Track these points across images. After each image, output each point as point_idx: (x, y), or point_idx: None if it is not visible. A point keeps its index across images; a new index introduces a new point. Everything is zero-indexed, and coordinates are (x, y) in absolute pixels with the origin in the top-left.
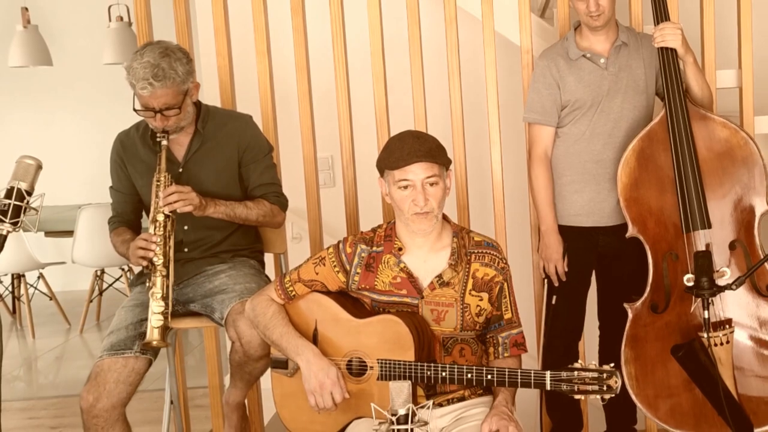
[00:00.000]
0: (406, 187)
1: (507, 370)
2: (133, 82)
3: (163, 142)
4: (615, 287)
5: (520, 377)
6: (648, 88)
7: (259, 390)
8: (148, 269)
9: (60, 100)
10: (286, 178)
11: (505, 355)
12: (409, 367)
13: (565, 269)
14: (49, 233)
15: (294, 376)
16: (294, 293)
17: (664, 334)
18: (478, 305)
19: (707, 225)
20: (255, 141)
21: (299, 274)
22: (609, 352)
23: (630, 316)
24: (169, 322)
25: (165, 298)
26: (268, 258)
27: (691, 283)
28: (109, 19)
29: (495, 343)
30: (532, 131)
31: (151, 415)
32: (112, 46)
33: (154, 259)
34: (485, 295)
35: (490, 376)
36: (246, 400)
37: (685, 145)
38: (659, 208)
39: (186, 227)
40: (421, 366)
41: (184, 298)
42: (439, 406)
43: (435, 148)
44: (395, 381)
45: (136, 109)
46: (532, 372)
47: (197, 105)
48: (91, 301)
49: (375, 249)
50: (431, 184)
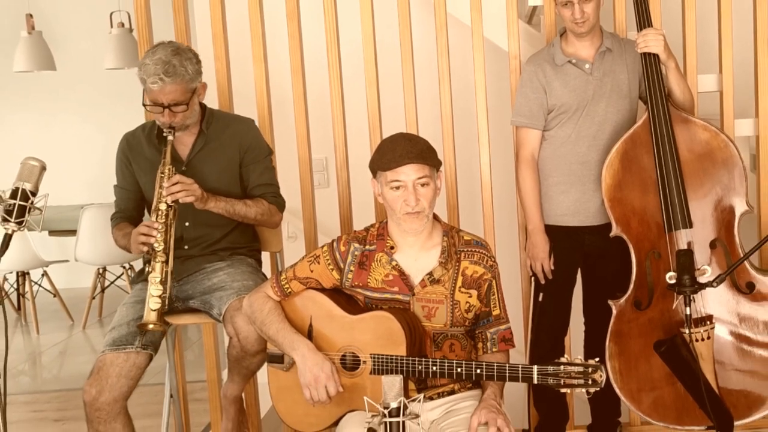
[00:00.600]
0: (397, 188)
1: (495, 364)
2: (144, 78)
3: (169, 137)
4: (600, 285)
5: (508, 371)
6: (631, 92)
7: (255, 384)
8: (149, 254)
9: (63, 103)
10: (282, 179)
11: (494, 350)
12: (400, 361)
13: (552, 267)
14: (52, 232)
15: (290, 370)
16: (290, 290)
17: (647, 330)
18: (468, 302)
19: (689, 224)
20: (256, 143)
21: (295, 271)
22: (594, 347)
23: (614, 312)
24: (165, 306)
25: (163, 283)
26: (265, 256)
27: (673, 281)
28: (111, 26)
29: (484, 338)
30: (520, 134)
31: (152, 409)
32: (114, 52)
33: (155, 245)
34: (474, 292)
35: (479, 371)
36: (243, 394)
37: (667, 147)
38: (642, 208)
39: (187, 224)
40: (413, 361)
41: (184, 294)
42: (430, 399)
43: (426, 150)
44: (387, 375)
45: (145, 105)
46: (520, 366)
47: (202, 107)
48: (93, 298)
49: (368, 247)
50: (422, 185)
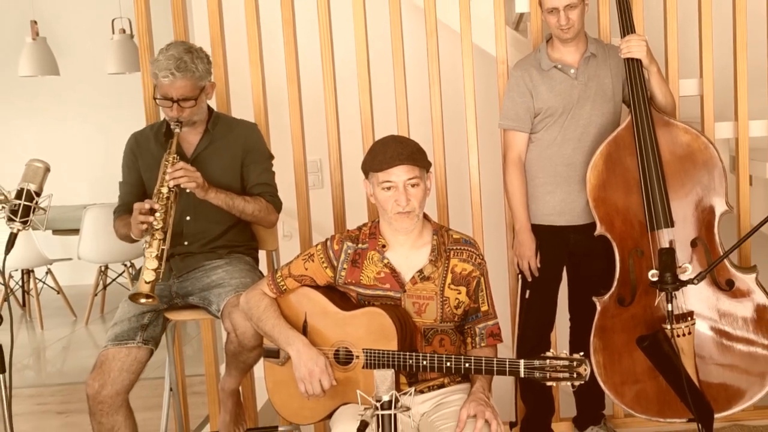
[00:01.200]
0: (389, 188)
1: (484, 358)
2: (156, 72)
3: (176, 130)
4: (585, 282)
5: (495, 365)
6: (615, 96)
7: (252, 378)
8: (148, 231)
9: (66, 107)
10: (277, 179)
11: (482, 344)
12: (392, 356)
13: (538, 265)
14: (56, 231)
15: (285, 364)
16: (285, 287)
17: (630, 326)
18: (457, 298)
19: (670, 224)
20: (258, 145)
21: (290, 269)
22: (579, 342)
23: (598, 308)
24: (159, 279)
25: (159, 258)
26: (262, 255)
27: (655, 278)
28: (112, 32)
29: (472, 333)
30: (507, 137)
31: (152, 402)
32: (115, 57)
33: (154, 223)
34: (463, 289)
35: (468, 365)
36: (240, 388)
37: (649, 149)
38: (626, 207)
39: (188, 218)
40: (404, 355)
41: (184, 291)
42: (421, 392)
43: (416, 152)
44: (379, 369)
45: (155, 98)
46: (507, 360)
47: (209, 109)
48: (95, 295)
49: (360, 246)
50: (412, 186)
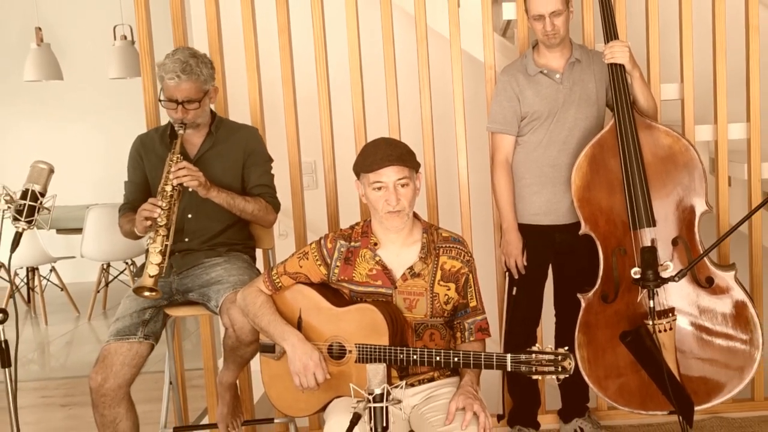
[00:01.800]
0: (380, 188)
1: (472, 353)
2: (162, 75)
3: (180, 132)
4: (569, 279)
5: (484, 359)
6: (599, 100)
7: (249, 372)
8: (152, 228)
9: (70, 110)
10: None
11: (471, 339)
12: (384, 350)
13: (525, 263)
14: (60, 230)
15: (281, 359)
16: (280, 284)
17: (613, 322)
18: (446, 294)
19: (652, 223)
20: (259, 148)
21: (285, 267)
22: (564, 337)
23: (583, 305)
24: (162, 274)
25: (162, 254)
26: (258, 253)
27: (637, 276)
28: (114, 38)
29: (461, 328)
30: (495, 139)
31: (153, 395)
32: (117, 62)
33: (158, 220)
34: (452, 285)
35: (457, 359)
36: (237, 381)
37: (632, 151)
38: (609, 208)
39: (190, 216)
40: (395, 350)
41: (183, 287)
42: (411, 386)
43: (405, 153)
44: (372, 363)
45: (161, 100)
46: (495, 355)
47: (212, 113)
48: (98, 292)
49: (353, 244)
50: (402, 186)
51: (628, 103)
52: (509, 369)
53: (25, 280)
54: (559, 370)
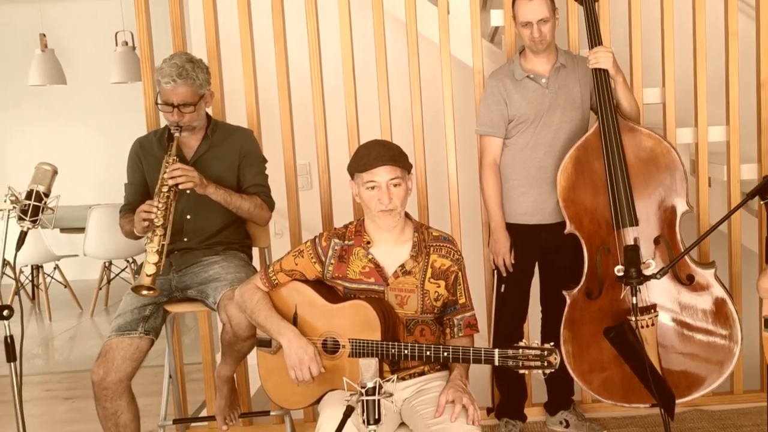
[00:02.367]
0: (373, 188)
1: (461, 348)
2: (159, 79)
3: (176, 134)
4: (555, 277)
5: (472, 354)
6: (583, 104)
7: (246, 366)
8: (149, 228)
9: (73, 114)
10: (269, 181)
11: (460, 335)
12: (376, 345)
13: (512, 261)
14: (63, 230)
15: (277, 353)
16: (277, 282)
17: (597, 318)
18: (436, 291)
19: (635, 222)
20: (254, 149)
21: (281, 265)
22: (550, 332)
23: (568, 301)
24: (159, 273)
25: (159, 253)
26: (255, 252)
27: (621, 273)
28: (116, 44)
29: (451, 324)
30: (483, 142)
31: (153, 388)
32: (118, 67)
33: (155, 220)
34: (442, 283)
35: (446, 354)
36: (235, 375)
37: (615, 154)
38: (593, 207)
39: (189, 216)
40: (387, 345)
41: (182, 285)
42: (402, 379)
43: (398, 154)
44: (364, 358)
45: (157, 103)
46: (483, 350)
47: (208, 117)
48: (100, 289)
49: (347, 243)
50: (395, 185)
51: (611, 107)
52: (497, 363)
53: (29, 278)
54: (545, 364)
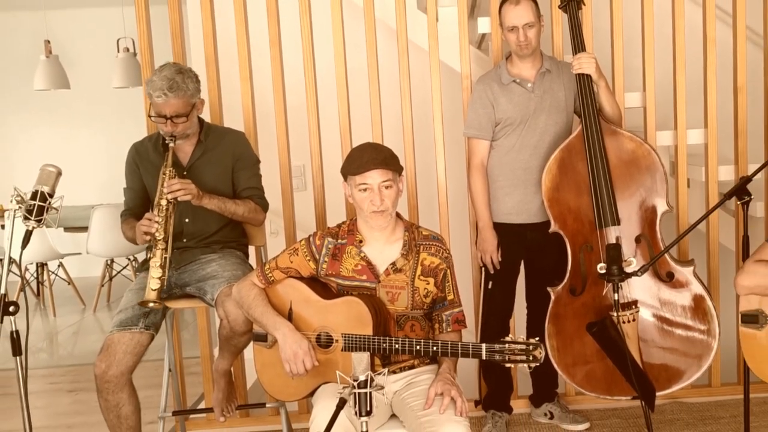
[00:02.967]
0: (365, 190)
1: (450, 342)
2: (150, 92)
3: (171, 144)
4: (540, 274)
5: (460, 349)
6: (567, 108)
7: (243, 359)
8: (150, 242)
9: (76, 117)
10: (265, 183)
11: (448, 330)
12: (368, 340)
13: (499, 259)
14: (67, 229)
15: (272, 347)
16: (273, 279)
17: (580, 313)
18: (426, 288)
19: (617, 222)
20: (247, 152)
21: (277, 262)
22: (535, 328)
23: (552, 298)
24: (164, 286)
25: (163, 267)
26: (251, 250)
27: (603, 271)
28: (118, 50)
29: (440, 320)
30: (471, 144)
31: (153, 381)
32: (120, 73)
33: (156, 234)
34: (431, 280)
35: (435, 348)
36: (232, 368)
37: (598, 155)
38: (577, 207)
39: (187, 220)
40: (378, 339)
41: (181, 282)
42: (393, 373)
43: (389, 157)
44: (356, 352)
45: (150, 115)
46: (471, 344)
47: (200, 121)
48: (102, 286)
49: (340, 241)
50: (386, 187)
51: (594, 111)
52: (484, 357)
53: (34, 275)
54: (530, 358)
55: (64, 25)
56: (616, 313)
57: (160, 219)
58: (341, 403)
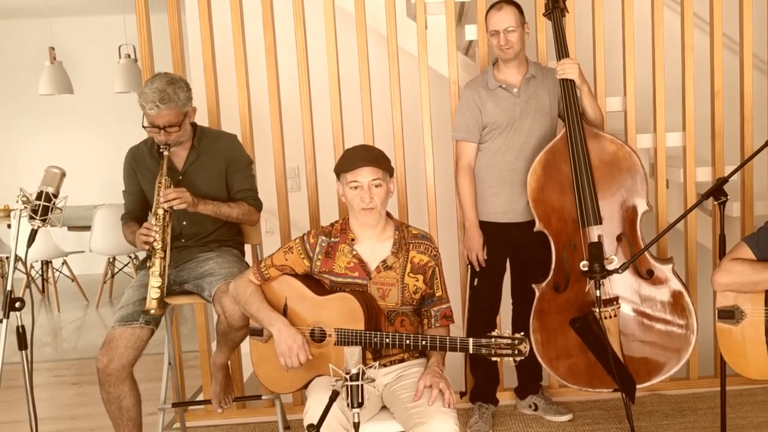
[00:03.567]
0: (356, 188)
1: (438, 337)
2: (143, 104)
3: (165, 153)
4: (525, 271)
5: (448, 343)
6: (552, 112)
7: (239, 353)
8: (149, 251)
9: (80, 121)
10: (261, 183)
11: (437, 325)
12: (360, 335)
13: (485, 257)
14: (71, 228)
15: (268, 342)
16: (268, 276)
17: (564, 309)
18: (415, 285)
19: (599, 221)
20: (239, 155)
21: (272, 260)
22: (520, 323)
23: (537, 294)
24: (164, 294)
25: (162, 276)
26: (247, 248)
27: (586, 268)
28: (119, 57)
29: (428, 315)
30: (459, 146)
31: (153, 374)
32: (122, 78)
33: (155, 244)
34: (420, 277)
35: (424, 342)
36: (229, 362)
37: (581, 157)
38: (560, 207)
39: (185, 222)
40: (370, 334)
41: (180, 279)
42: (384, 366)
43: (380, 157)
44: (349, 346)
45: (144, 126)
46: (458, 339)
47: (194, 126)
48: (105, 283)
49: (333, 240)
50: (376, 186)
51: (577, 115)
52: (471, 352)
53: (39, 272)
54: (516, 353)
55: (68, 32)
56: (598, 309)
57: (158, 228)
58: (334, 395)
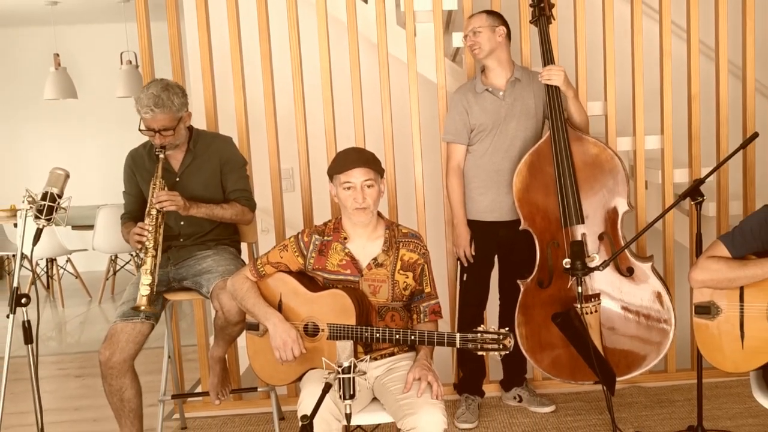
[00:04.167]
0: (348, 188)
1: (426, 332)
2: (139, 109)
3: (161, 155)
4: (511, 268)
5: (437, 338)
6: (537, 114)
7: (236, 347)
8: (140, 250)
9: (83, 124)
10: (256, 184)
11: (426, 320)
12: (351, 329)
13: (473, 254)
14: (75, 227)
15: (263, 336)
16: (264, 273)
17: (547, 304)
18: (405, 281)
19: (582, 220)
20: (233, 156)
21: (268, 258)
22: (506, 317)
23: (522, 290)
24: (154, 292)
25: (152, 273)
26: (243, 246)
27: (568, 265)
28: (121, 63)
29: (418, 311)
30: (449, 148)
31: (154, 367)
32: (123, 83)
33: (147, 243)
34: (410, 274)
35: (414, 337)
36: (226, 355)
37: (564, 159)
38: (545, 207)
39: (182, 223)
40: (361, 329)
41: (179, 276)
42: (375, 359)
43: (371, 159)
44: (341, 340)
45: (140, 130)
46: (446, 334)
47: (189, 129)
48: (107, 279)
49: (326, 238)
50: (368, 186)
51: (562, 118)
52: (458, 346)
53: (45, 270)
54: (501, 347)
55: (72, 39)
56: (579, 305)
57: (150, 228)
58: (327, 388)
